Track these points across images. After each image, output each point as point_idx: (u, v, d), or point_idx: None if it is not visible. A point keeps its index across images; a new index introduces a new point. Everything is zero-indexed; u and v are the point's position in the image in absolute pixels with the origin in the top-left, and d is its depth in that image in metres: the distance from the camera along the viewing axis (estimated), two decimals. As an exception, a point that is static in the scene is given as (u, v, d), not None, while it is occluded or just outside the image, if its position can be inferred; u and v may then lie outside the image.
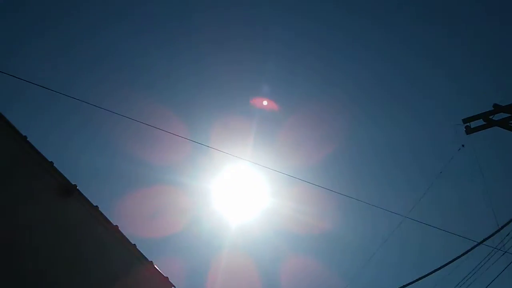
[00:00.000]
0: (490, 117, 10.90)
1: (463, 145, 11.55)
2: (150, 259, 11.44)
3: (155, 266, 11.60)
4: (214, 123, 21.99)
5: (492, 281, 9.82)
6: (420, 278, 9.69)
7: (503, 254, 9.79)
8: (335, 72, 25.48)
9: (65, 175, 9.13)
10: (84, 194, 9.57)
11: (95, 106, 8.14)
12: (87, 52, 22.87)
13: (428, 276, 9.53)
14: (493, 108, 10.86)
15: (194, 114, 24.61)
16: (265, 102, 22.17)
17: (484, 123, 10.95)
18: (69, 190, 9.16)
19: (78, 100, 7.85)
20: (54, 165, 8.91)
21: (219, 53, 24.03)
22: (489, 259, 9.87)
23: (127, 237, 10.78)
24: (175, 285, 12.14)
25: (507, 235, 10.03)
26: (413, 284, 9.63)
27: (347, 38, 25.82)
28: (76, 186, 9.29)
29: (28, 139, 8.40)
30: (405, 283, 9.76)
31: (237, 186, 20.66)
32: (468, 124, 11.15)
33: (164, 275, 11.86)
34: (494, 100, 10.82)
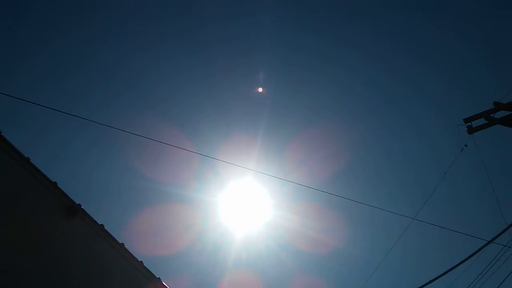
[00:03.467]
0: (491, 115, 10.88)
1: (465, 145, 11.51)
2: (157, 276, 11.35)
3: (163, 282, 11.50)
4: (219, 136, 22.00)
5: (505, 279, 9.70)
6: (430, 282, 9.58)
7: (514, 252, 9.69)
8: (335, 83, 25.58)
9: (69, 195, 9.12)
10: (89, 213, 9.54)
11: (97, 123, 8.14)
12: (91, 72, 23.07)
13: (439, 279, 9.43)
14: (494, 106, 10.85)
15: (199, 129, 24.72)
16: (260, 89, 21.89)
17: (486, 121, 10.93)
18: (73, 210, 9.13)
19: (82, 118, 7.86)
20: (58, 185, 8.90)
21: (224, 70, 24.20)
22: (500, 257, 9.78)
23: (133, 254, 10.71)
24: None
25: (516, 233, 9.94)
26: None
27: (343, 46, 25.99)
28: (81, 206, 9.27)
29: (31, 160, 8.41)
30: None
31: (243, 199, 20.63)
32: (469, 123, 11.13)
33: (172, 292, 11.75)
34: (494, 98, 10.81)
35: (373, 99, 26.91)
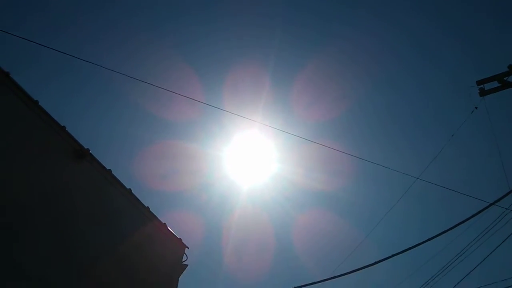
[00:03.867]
0: (505, 78, 10.65)
1: (476, 107, 11.35)
2: (163, 219, 11.66)
3: (168, 228, 11.84)
4: (226, 83, 21.80)
5: (503, 241, 9.90)
6: (429, 239, 9.79)
7: (514, 215, 9.82)
8: (342, 38, 24.95)
9: (78, 140, 9.24)
10: (97, 158, 9.70)
11: (107, 69, 8.09)
12: (99, 17, 22.69)
13: (439, 238, 9.65)
14: (508, 69, 10.59)
15: (207, 73, 24.56)
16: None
17: (499, 85, 10.72)
18: (82, 154, 9.29)
19: (90, 62, 7.81)
20: (67, 129, 9.00)
21: (233, 16, 23.68)
22: (500, 220, 9.93)
23: (140, 200, 10.98)
24: (188, 246, 12.41)
25: (519, 197, 10.02)
26: (423, 244, 9.75)
27: (354, 3, 25.18)
28: (89, 150, 9.41)
29: (40, 103, 8.46)
30: (415, 244, 9.88)
31: (248, 151, 20.78)
32: (482, 86, 10.93)
33: (178, 237, 12.11)
34: (509, 61, 10.54)
35: (384, 57, 26.35)
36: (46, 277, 7.92)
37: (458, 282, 11.22)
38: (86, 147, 9.38)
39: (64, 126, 8.96)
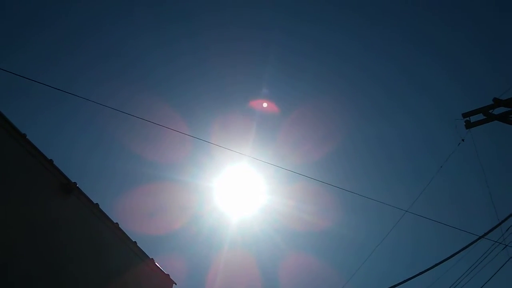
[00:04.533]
0: (490, 111, 10.88)
1: (462, 140, 11.53)
2: (151, 257, 11.44)
3: (156, 263, 11.59)
4: (214, 122, 22.02)
5: (494, 274, 9.84)
6: (420, 273, 9.70)
7: (504, 248, 9.80)
8: (331, 72, 25.49)
9: (65, 173, 9.13)
10: (84, 192, 9.56)
11: (96, 103, 8.10)
12: (89, 52, 22.91)
13: (429, 271, 9.55)
14: (493, 102, 10.84)
15: (195, 113, 24.72)
16: (264, 104, 22.12)
17: (484, 117, 10.94)
18: (69, 188, 9.15)
19: (79, 97, 7.82)
20: (54, 163, 8.90)
21: (221, 55, 24.10)
22: (490, 252, 9.90)
23: (127, 234, 10.78)
24: (176, 282, 12.13)
25: (507, 229, 10.04)
26: (414, 279, 9.64)
27: (343, 36, 25.85)
28: (76, 184, 9.28)
29: (27, 137, 8.39)
30: (406, 278, 9.77)
31: (237, 184, 20.73)
32: (468, 118, 11.15)
33: (165, 272, 11.85)
34: (494, 94, 10.80)
35: (372, 87, 26.90)
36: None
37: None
38: (73, 181, 9.25)
39: (51, 159, 8.86)
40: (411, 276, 9.57)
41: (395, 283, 9.69)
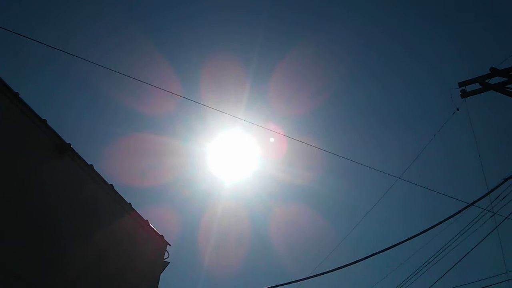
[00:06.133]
0: (487, 81, 10.83)
1: (457, 109, 11.54)
2: (145, 213, 11.56)
3: (150, 225, 11.73)
4: (206, 82, 21.74)
5: (480, 241, 10.11)
6: (410, 238, 9.92)
7: (492, 215, 10.02)
8: (324, 34, 25.08)
9: (59, 134, 9.05)
10: (78, 153, 9.52)
11: (90, 62, 7.91)
12: (81, 10, 22.30)
13: (419, 236, 9.78)
14: (490, 72, 10.79)
15: (189, 76, 24.45)
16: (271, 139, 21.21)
17: (480, 87, 10.91)
18: (63, 148, 9.10)
19: (72, 55, 7.62)
20: (48, 123, 8.81)
21: (215, 13, 23.59)
22: (477, 220, 10.13)
23: (122, 196, 10.83)
24: (170, 243, 12.33)
25: (497, 197, 10.23)
26: (403, 243, 9.87)
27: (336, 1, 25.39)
28: (70, 145, 9.22)
29: (20, 96, 8.25)
30: (394, 243, 9.99)
31: (230, 148, 20.78)
32: (464, 87, 11.10)
33: (160, 234, 12.01)
34: (491, 63, 10.73)
35: (365, 51, 26.66)
36: (21, 272, 7.74)
37: (438, 279, 11.41)
38: (67, 142, 9.19)
39: (45, 119, 8.76)
40: (400, 241, 9.79)
41: (386, 247, 9.91)
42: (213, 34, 24.44)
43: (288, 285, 11.91)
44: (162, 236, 12.06)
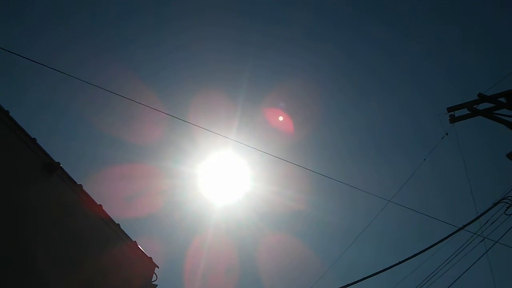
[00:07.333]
0: (475, 106, 11.02)
1: (446, 134, 11.69)
2: (134, 239, 11.40)
3: (139, 246, 11.56)
4: (197, 104, 21.82)
5: (471, 266, 10.09)
6: (401, 262, 9.87)
7: (482, 240, 10.04)
8: (315, 55, 25.46)
9: (48, 153, 8.97)
10: (67, 172, 9.43)
11: (80, 79, 7.93)
12: (73, 29, 22.45)
13: (410, 260, 9.74)
14: (478, 98, 10.98)
15: (177, 98, 24.56)
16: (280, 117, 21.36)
17: (469, 112, 11.08)
18: (52, 168, 9.00)
19: (64, 74, 7.64)
20: (37, 141, 8.74)
21: (204, 34, 23.86)
22: (468, 244, 10.13)
23: (111, 217, 10.70)
24: (158, 265, 12.14)
25: (486, 222, 10.27)
26: (393, 267, 9.82)
27: (330, 23, 25.88)
28: (60, 164, 9.14)
29: (10, 114, 8.20)
30: (386, 267, 9.93)
31: (221, 170, 20.72)
32: (452, 113, 11.27)
33: (148, 255, 11.83)
34: (480, 89, 10.95)
35: (358, 73, 27.01)
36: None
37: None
38: (56, 161, 9.11)
39: (34, 138, 8.69)
40: (392, 264, 9.74)
41: (377, 271, 9.85)
42: (203, 55, 24.67)
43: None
44: (151, 258, 11.88)
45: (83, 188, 9.84)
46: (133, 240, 11.37)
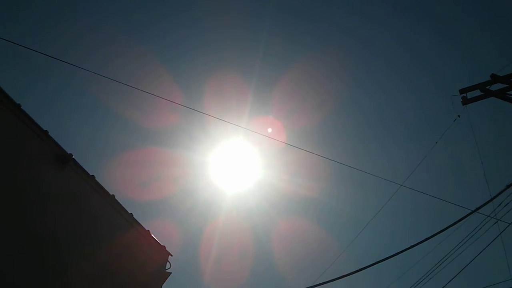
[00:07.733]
0: (487, 87, 10.84)
1: (459, 116, 11.53)
2: (147, 226, 11.49)
3: (152, 235, 11.67)
4: (209, 92, 21.79)
5: (485, 248, 10.05)
6: (414, 245, 9.86)
7: (496, 222, 9.97)
8: (327, 42, 25.22)
9: (60, 144, 9.06)
10: (80, 163, 9.52)
11: (92, 72, 7.97)
12: (82, 19, 22.48)
13: (423, 244, 9.72)
14: (490, 79, 10.80)
15: (191, 85, 24.56)
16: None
17: (481, 93, 10.91)
18: (64, 159, 9.10)
19: (74, 66, 7.67)
20: (49, 133, 8.82)
21: (217, 20, 23.74)
22: (481, 227, 10.07)
23: (123, 206, 10.79)
24: (171, 254, 12.25)
25: (499, 204, 10.19)
26: (407, 251, 9.81)
27: (340, 7, 25.54)
28: (72, 155, 9.22)
29: (22, 107, 8.28)
30: (398, 250, 9.93)
31: (233, 158, 20.75)
32: (464, 94, 11.10)
33: (161, 244, 11.95)
34: (492, 70, 10.75)
35: (369, 58, 26.73)
36: (22, 285, 7.70)
37: (443, 287, 11.31)
38: (68, 152, 9.20)
39: (46, 130, 8.77)
40: (404, 249, 9.74)
41: (389, 255, 9.86)
42: (215, 42, 24.61)
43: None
44: (164, 246, 11.99)
45: (96, 178, 9.93)
46: (147, 229, 11.48)
